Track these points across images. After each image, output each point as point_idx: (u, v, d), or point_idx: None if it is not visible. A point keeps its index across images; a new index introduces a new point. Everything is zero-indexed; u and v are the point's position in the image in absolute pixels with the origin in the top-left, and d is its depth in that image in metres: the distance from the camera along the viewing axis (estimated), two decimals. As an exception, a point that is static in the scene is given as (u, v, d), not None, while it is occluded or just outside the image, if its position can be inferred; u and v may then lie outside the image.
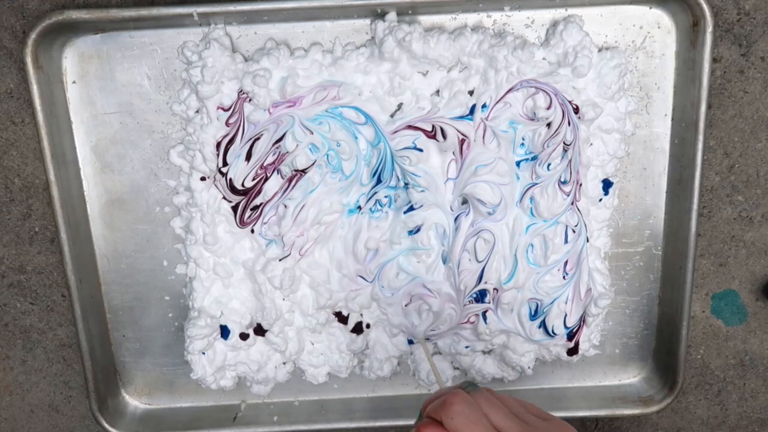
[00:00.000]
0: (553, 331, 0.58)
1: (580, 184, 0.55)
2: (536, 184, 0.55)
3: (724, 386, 0.66)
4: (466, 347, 0.59)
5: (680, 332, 0.59)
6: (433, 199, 0.55)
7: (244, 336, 0.59)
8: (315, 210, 0.55)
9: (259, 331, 0.59)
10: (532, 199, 0.55)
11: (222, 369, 0.59)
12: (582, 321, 0.59)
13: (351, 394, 0.64)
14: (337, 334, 0.60)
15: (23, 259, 0.60)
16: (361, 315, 0.59)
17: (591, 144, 0.55)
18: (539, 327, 0.58)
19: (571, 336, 0.59)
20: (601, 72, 0.53)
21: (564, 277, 0.57)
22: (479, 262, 0.56)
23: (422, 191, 0.55)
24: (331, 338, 0.60)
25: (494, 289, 0.57)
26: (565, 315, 0.58)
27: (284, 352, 0.59)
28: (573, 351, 0.60)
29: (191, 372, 0.59)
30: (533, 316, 0.58)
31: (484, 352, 0.60)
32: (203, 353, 0.58)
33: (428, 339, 0.59)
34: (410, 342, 0.60)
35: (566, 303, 0.58)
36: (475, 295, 0.57)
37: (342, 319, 0.59)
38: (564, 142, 0.54)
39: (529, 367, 0.60)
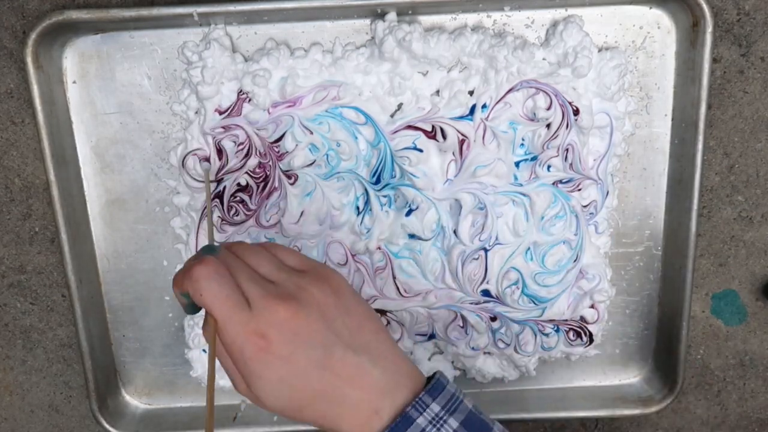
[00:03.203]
0: (555, 330, 0.58)
1: (580, 185, 0.55)
2: (536, 184, 0.55)
3: (724, 386, 0.66)
4: (473, 348, 0.59)
5: (680, 332, 0.59)
6: (432, 200, 0.55)
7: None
8: (314, 210, 0.55)
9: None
10: (531, 199, 0.55)
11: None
12: (596, 310, 0.58)
13: (351, 394, 0.63)
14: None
15: (23, 259, 0.60)
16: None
17: (590, 144, 0.55)
18: (541, 325, 0.58)
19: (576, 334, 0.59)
20: (601, 72, 0.53)
21: (564, 277, 0.57)
22: (479, 261, 0.56)
23: (422, 191, 0.55)
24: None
25: (495, 289, 0.57)
26: (565, 314, 0.58)
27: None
28: (590, 340, 0.59)
29: (191, 370, 0.59)
30: (532, 308, 0.58)
31: (485, 353, 0.60)
32: (204, 351, 0.58)
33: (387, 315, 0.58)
34: None
35: (566, 303, 0.58)
36: (476, 295, 0.57)
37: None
38: (563, 143, 0.54)
39: (534, 368, 0.61)
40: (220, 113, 0.54)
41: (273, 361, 0.34)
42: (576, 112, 0.53)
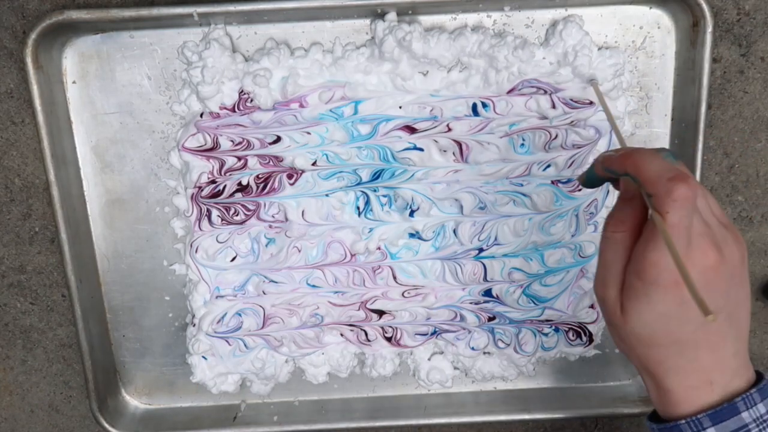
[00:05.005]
0: (555, 330, 0.58)
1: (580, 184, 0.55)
2: (536, 184, 0.55)
3: (724, 386, 0.66)
4: (473, 348, 0.59)
5: (680, 332, 0.59)
6: (432, 200, 0.55)
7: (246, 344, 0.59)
8: (314, 210, 0.55)
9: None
10: (532, 199, 0.55)
11: (224, 374, 0.59)
12: (596, 310, 0.59)
13: (351, 394, 0.64)
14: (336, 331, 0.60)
15: (23, 259, 0.60)
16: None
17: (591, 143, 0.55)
18: (540, 325, 0.58)
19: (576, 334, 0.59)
20: (600, 72, 0.53)
21: (564, 277, 0.57)
22: (480, 261, 0.56)
23: (422, 191, 0.55)
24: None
25: (495, 289, 0.57)
26: (565, 314, 0.58)
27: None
28: (589, 340, 0.60)
29: (192, 375, 0.59)
30: (532, 307, 0.58)
31: (485, 353, 0.60)
32: (204, 357, 0.59)
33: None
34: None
35: (566, 302, 0.58)
36: (476, 295, 0.57)
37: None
38: (564, 142, 0.54)
39: (534, 368, 0.60)
40: (228, 110, 0.54)
41: (672, 298, 0.35)
42: (573, 107, 0.53)
